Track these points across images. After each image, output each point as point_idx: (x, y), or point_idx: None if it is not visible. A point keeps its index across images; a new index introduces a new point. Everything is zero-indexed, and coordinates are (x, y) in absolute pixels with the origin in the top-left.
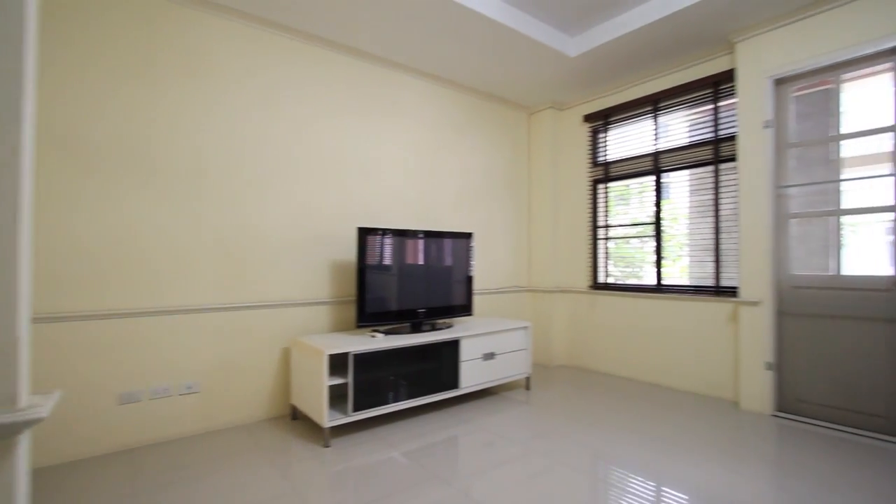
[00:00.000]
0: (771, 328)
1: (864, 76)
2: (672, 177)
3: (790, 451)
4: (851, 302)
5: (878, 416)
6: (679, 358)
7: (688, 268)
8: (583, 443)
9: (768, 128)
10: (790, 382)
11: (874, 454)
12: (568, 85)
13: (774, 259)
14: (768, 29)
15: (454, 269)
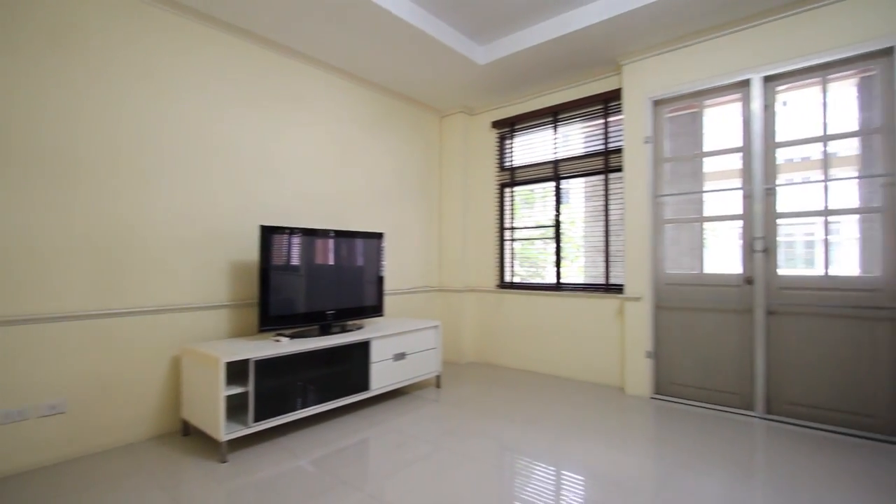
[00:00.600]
0: (650, 320)
1: (721, 103)
2: (571, 183)
3: (665, 428)
4: (712, 296)
5: (734, 393)
6: (576, 350)
7: (583, 267)
8: (490, 436)
9: (648, 143)
10: (665, 368)
11: (730, 425)
12: (478, 91)
13: (653, 259)
14: (648, 56)
15: (365, 270)
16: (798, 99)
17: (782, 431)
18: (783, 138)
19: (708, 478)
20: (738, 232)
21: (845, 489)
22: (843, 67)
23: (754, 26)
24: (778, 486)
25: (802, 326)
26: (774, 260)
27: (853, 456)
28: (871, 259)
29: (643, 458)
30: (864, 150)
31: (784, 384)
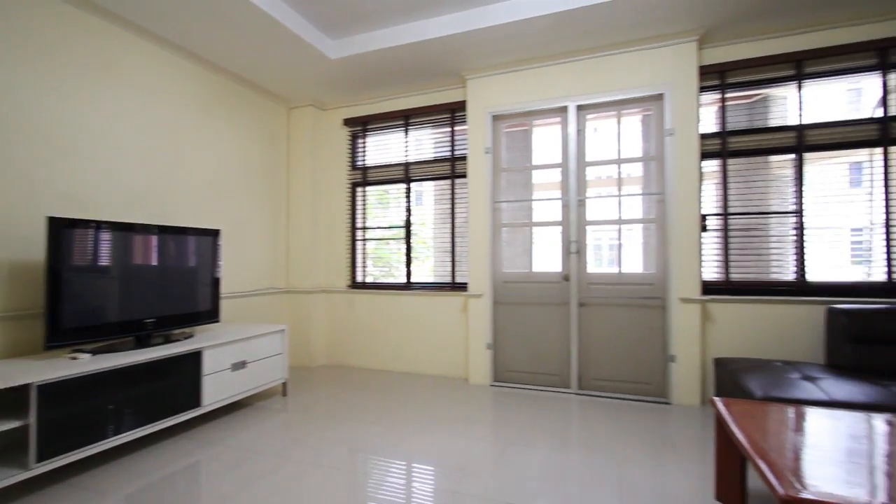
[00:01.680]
0: (490, 315)
1: (546, 124)
2: (425, 185)
3: (501, 411)
4: (539, 292)
5: (555, 375)
6: (426, 347)
7: (433, 267)
8: (340, 440)
9: (488, 153)
10: (502, 357)
11: (552, 402)
12: (329, 86)
13: (492, 260)
14: (490, 74)
15: (198, 271)
16: (603, 127)
17: (591, 403)
18: (591, 158)
19: (535, 449)
20: (559, 236)
21: (635, 443)
22: (632, 105)
23: (571, 62)
24: (588, 447)
25: (604, 315)
26: (585, 260)
27: (640, 416)
28: (649, 259)
29: (483, 441)
30: (646, 173)
31: (592, 364)
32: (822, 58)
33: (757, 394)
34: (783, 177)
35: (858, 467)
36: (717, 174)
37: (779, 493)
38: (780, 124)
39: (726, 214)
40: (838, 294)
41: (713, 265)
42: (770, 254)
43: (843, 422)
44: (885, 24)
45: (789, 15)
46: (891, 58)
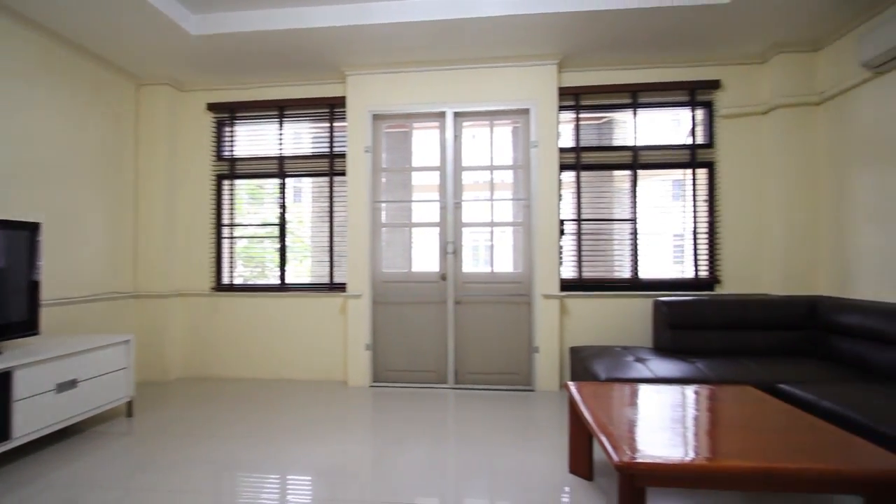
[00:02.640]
0: (369, 316)
1: (426, 127)
2: (304, 182)
3: (381, 411)
4: (417, 291)
5: (433, 371)
6: (302, 351)
7: (311, 267)
8: (203, 459)
9: (368, 152)
10: (381, 357)
11: (431, 398)
12: (189, 65)
13: (372, 259)
14: (370, 72)
15: (7, 274)
16: (480, 134)
17: (466, 396)
18: (468, 163)
19: (415, 445)
20: (437, 237)
21: (503, 429)
22: (504, 116)
23: (451, 70)
24: (462, 438)
25: (478, 312)
26: (461, 260)
27: (508, 404)
28: (518, 259)
29: (361, 444)
30: (515, 180)
31: (467, 358)
32: (650, 91)
33: (601, 376)
34: (623, 189)
35: (677, 431)
36: (572, 184)
37: (614, 460)
38: (621, 144)
39: (580, 220)
40: (662, 289)
41: (570, 265)
42: (613, 255)
43: (665, 394)
44: (695, 69)
45: (626, 52)
46: (697, 97)
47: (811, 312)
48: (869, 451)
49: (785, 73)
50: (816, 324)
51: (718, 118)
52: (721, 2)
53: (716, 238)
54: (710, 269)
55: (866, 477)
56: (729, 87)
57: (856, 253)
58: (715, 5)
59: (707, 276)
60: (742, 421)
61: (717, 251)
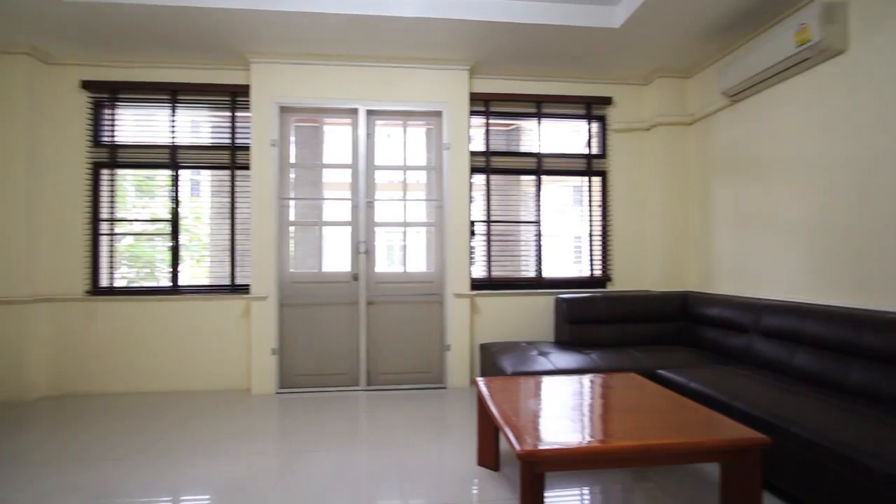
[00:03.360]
0: (275, 318)
1: (338, 123)
2: (202, 175)
3: (288, 419)
4: (329, 292)
5: (344, 374)
6: (199, 359)
7: (210, 268)
8: (71, 488)
9: (275, 146)
10: (289, 362)
11: (342, 402)
12: (58, 34)
13: (278, 259)
14: (278, 62)
15: None
16: (391, 133)
17: (379, 397)
18: (381, 162)
19: (323, 453)
20: (348, 236)
21: (416, 428)
22: (417, 117)
23: (365, 66)
24: (374, 440)
25: (391, 312)
26: (373, 260)
27: (420, 403)
28: (430, 259)
29: (266, 455)
30: (428, 181)
31: (380, 360)
32: (553, 102)
33: (508, 371)
34: (529, 193)
35: (571, 418)
36: (483, 187)
37: (516, 450)
38: (527, 151)
39: (489, 221)
40: (563, 287)
41: (480, 264)
42: (520, 255)
43: (565, 385)
44: (591, 85)
45: (531, 64)
46: (593, 111)
47: (683, 306)
48: (724, 425)
49: (663, 95)
50: (687, 316)
51: (611, 131)
52: (611, 26)
53: (608, 240)
54: (602, 269)
55: (721, 447)
56: (619, 103)
57: (717, 254)
58: (606, 29)
59: (600, 275)
60: (627, 405)
61: (609, 252)
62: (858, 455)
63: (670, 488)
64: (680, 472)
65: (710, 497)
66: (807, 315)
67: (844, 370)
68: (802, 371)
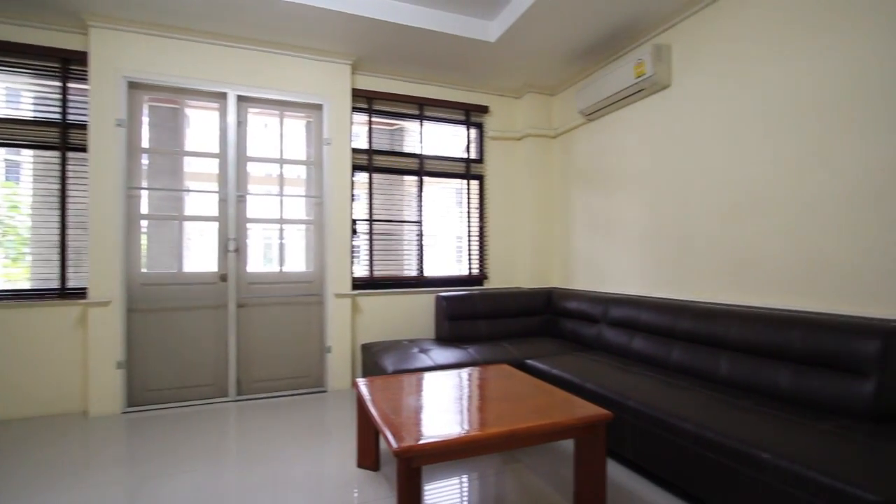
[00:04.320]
0: (121, 326)
1: (203, 107)
2: (23, 155)
3: (138, 442)
4: (191, 294)
5: (210, 385)
6: (15, 380)
7: (31, 268)
8: None
9: (121, 127)
10: (140, 375)
11: (207, 416)
12: None
13: (126, 258)
14: (126, 29)
15: None
16: (268, 123)
17: (252, 407)
18: (254, 153)
19: (185, 473)
20: (215, 233)
21: (293, 435)
22: (296, 109)
23: (236, 48)
24: (247, 454)
25: (265, 314)
26: (245, 259)
27: (299, 409)
28: (310, 258)
29: (106, 488)
30: (308, 176)
31: (252, 366)
32: (435, 106)
33: (389, 369)
34: (412, 193)
35: (446, 411)
36: (365, 185)
37: (393, 447)
38: (410, 151)
39: (372, 220)
40: (445, 285)
41: (362, 264)
42: (403, 254)
43: (443, 380)
44: (470, 93)
45: (414, 66)
46: (472, 118)
47: (548, 301)
48: (578, 405)
49: (533, 109)
50: (551, 310)
51: (487, 139)
52: (487, 40)
53: (485, 241)
54: (480, 267)
55: (575, 424)
56: (495, 113)
57: (575, 254)
58: (483, 42)
59: (478, 274)
60: (498, 394)
61: (486, 252)
62: (674, 420)
63: (536, 466)
64: (543, 450)
65: (567, 469)
66: (641, 306)
67: (668, 350)
68: (638, 353)
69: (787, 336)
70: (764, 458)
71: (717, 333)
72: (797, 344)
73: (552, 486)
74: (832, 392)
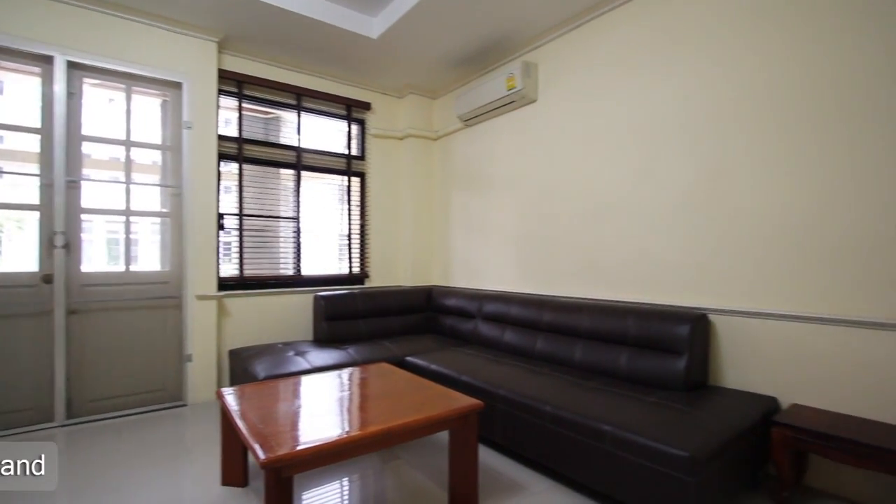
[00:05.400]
0: None
1: (19, 71)
2: None
3: None
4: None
5: (29, 410)
6: None
7: None
8: None
9: None
10: None
11: (23, 448)
12: None
13: None
14: None
15: None
16: (115, 98)
17: (90, 431)
18: (91, 132)
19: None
20: (36, 225)
21: (145, 457)
22: (149, 84)
23: (68, 4)
24: (85, 487)
25: (106, 322)
26: (78, 256)
27: (151, 428)
28: (165, 256)
29: None
30: (163, 163)
31: (87, 384)
32: (314, 98)
33: (261, 375)
34: (289, 188)
35: (331, 413)
36: (234, 176)
37: (260, 459)
38: (287, 143)
39: (242, 215)
40: (324, 284)
41: (231, 262)
42: (279, 252)
43: (324, 382)
44: (352, 88)
45: (292, 53)
46: (354, 113)
47: (428, 298)
48: (452, 397)
49: (415, 110)
50: (432, 307)
51: (369, 136)
52: (369, 36)
53: (366, 239)
54: (361, 266)
55: (449, 416)
56: (378, 110)
57: (454, 253)
58: (365, 37)
59: (359, 272)
60: (376, 393)
61: (367, 250)
62: (536, 403)
63: (415, 461)
64: (422, 444)
65: (445, 460)
66: (511, 301)
67: (533, 341)
68: (509, 345)
69: (624, 324)
70: (605, 429)
71: (572, 324)
72: (632, 331)
73: (430, 478)
74: (658, 369)
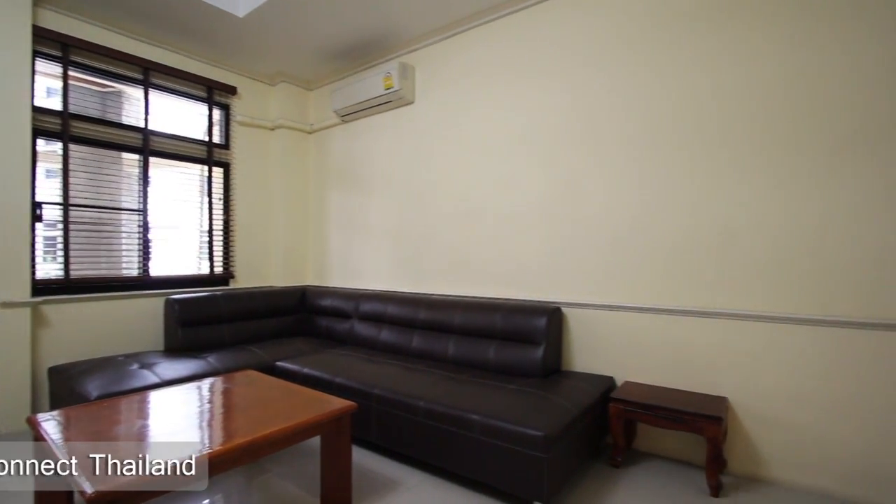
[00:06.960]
0: None
1: None
2: None
3: None
4: None
5: None
6: None
7: None
8: None
9: None
10: None
11: None
12: None
13: None
14: None
15: None
16: None
17: None
18: None
19: None
20: None
21: None
22: None
23: None
24: None
25: None
26: None
27: None
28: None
29: None
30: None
31: None
32: (168, 75)
33: (93, 395)
34: (134, 175)
35: (191, 429)
36: (57, 158)
37: (87, 493)
38: (131, 124)
39: (69, 205)
40: (179, 286)
41: (52, 262)
42: (121, 250)
43: (177, 396)
44: (215, 69)
45: (138, 21)
46: (216, 97)
47: (302, 299)
48: (324, 401)
49: (287, 100)
50: (305, 308)
51: (235, 123)
52: (234, 13)
53: (230, 235)
54: (225, 265)
55: (319, 420)
56: (245, 96)
57: (329, 251)
58: (229, 14)
59: (223, 272)
60: (240, 403)
61: (232, 248)
62: (410, 400)
63: (285, 472)
64: (293, 453)
65: (318, 467)
66: (388, 300)
67: (409, 339)
68: (385, 344)
69: (492, 319)
70: (473, 418)
71: (445, 320)
72: (499, 324)
73: (301, 487)
74: (520, 359)
